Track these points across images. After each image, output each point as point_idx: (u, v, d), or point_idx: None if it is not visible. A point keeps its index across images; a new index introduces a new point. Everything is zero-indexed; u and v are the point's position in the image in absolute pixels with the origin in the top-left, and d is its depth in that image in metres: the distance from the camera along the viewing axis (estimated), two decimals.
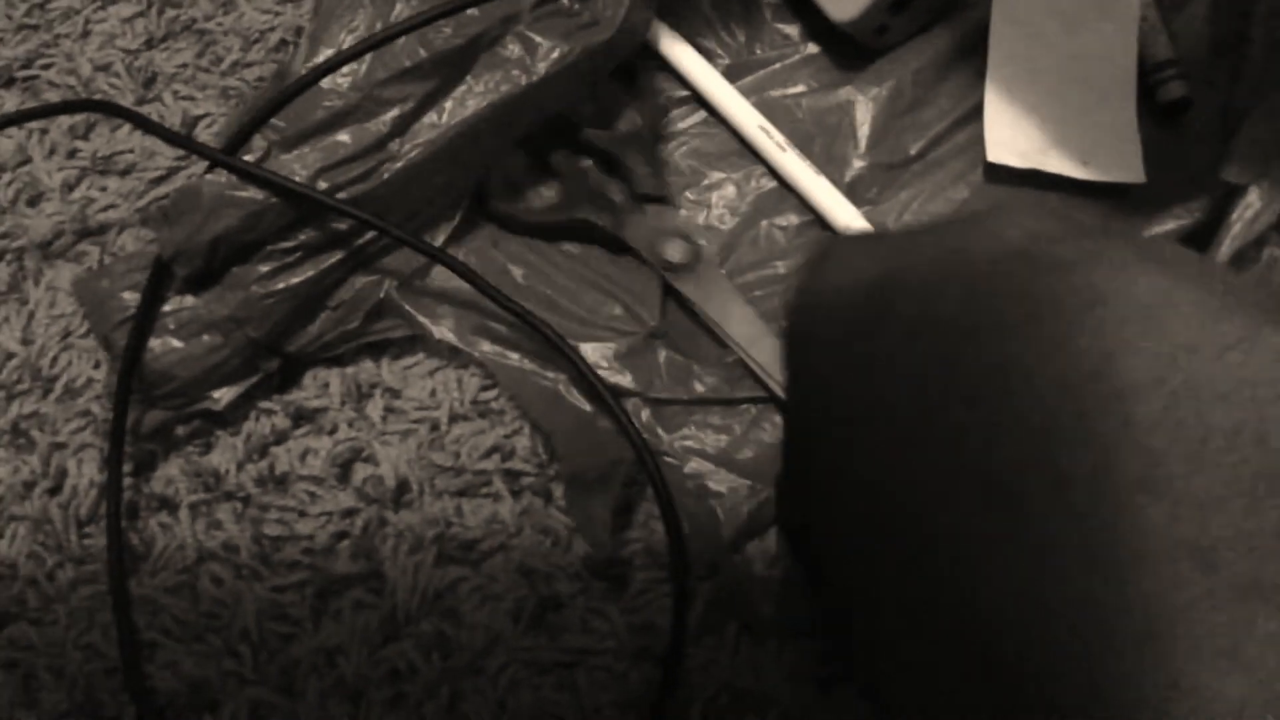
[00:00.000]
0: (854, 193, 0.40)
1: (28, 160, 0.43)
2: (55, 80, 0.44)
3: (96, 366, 0.39)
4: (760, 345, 0.38)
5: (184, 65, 0.44)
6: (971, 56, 0.42)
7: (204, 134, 0.43)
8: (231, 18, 0.44)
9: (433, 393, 0.39)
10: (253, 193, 0.36)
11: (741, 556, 0.36)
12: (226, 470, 0.38)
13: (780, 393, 0.38)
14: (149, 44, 0.44)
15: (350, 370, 0.39)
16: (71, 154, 0.43)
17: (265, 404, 0.39)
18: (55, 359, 0.39)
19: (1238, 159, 0.37)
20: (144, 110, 0.43)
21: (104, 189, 0.42)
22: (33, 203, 0.42)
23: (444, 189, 0.39)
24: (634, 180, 0.40)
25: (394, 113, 0.37)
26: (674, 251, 0.39)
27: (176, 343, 0.37)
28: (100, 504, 0.37)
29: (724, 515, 0.37)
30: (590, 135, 0.40)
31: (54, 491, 0.38)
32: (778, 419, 0.38)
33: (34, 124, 0.43)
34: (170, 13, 0.44)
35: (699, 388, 0.38)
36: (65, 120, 0.43)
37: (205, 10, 0.44)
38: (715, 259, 0.40)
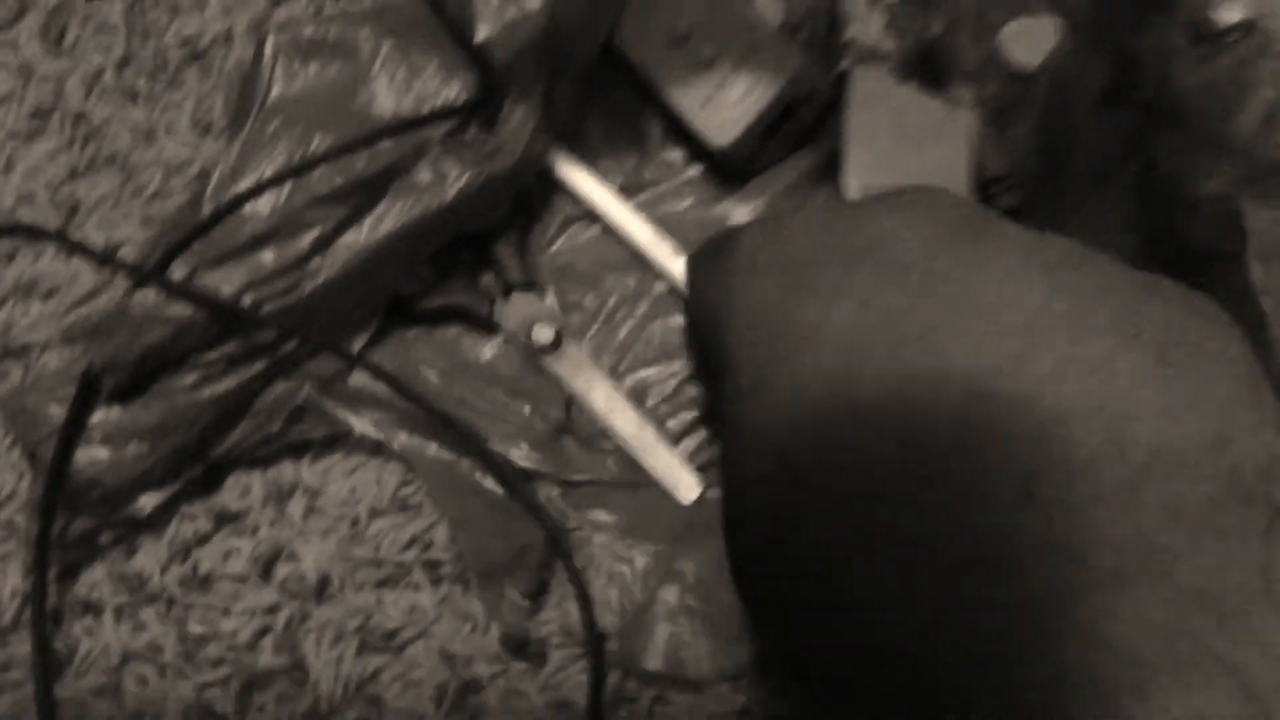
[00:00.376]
0: None
1: None
2: None
3: (20, 478, 0.41)
4: (623, 417, 0.42)
5: (106, 195, 0.46)
6: (833, 173, 0.47)
7: (125, 257, 0.45)
8: (153, 150, 0.47)
9: (352, 490, 0.41)
10: (180, 308, 0.38)
11: (649, 619, 0.39)
12: (150, 573, 0.39)
13: (641, 459, 0.42)
14: (72, 175, 0.46)
15: (271, 473, 0.41)
16: None
17: (188, 508, 0.40)
18: None
19: None
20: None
21: (26, 311, 0.44)
22: None
23: (361, 300, 0.42)
24: (505, 270, 0.44)
25: (314, 233, 0.40)
26: (542, 334, 0.43)
27: (104, 452, 0.38)
28: (23, 612, 0.38)
29: (631, 583, 0.39)
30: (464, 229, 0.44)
31: None
32: (671, 500, 0.41)
33: None
34: (92, 146, 0.47)
35: (608, 467, 0.41)
36: None
37: (126, 144, 0.47)
38: (581, 342, 0.44)
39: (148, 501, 0.39)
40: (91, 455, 0.39)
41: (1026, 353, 0.25)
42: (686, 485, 0.41)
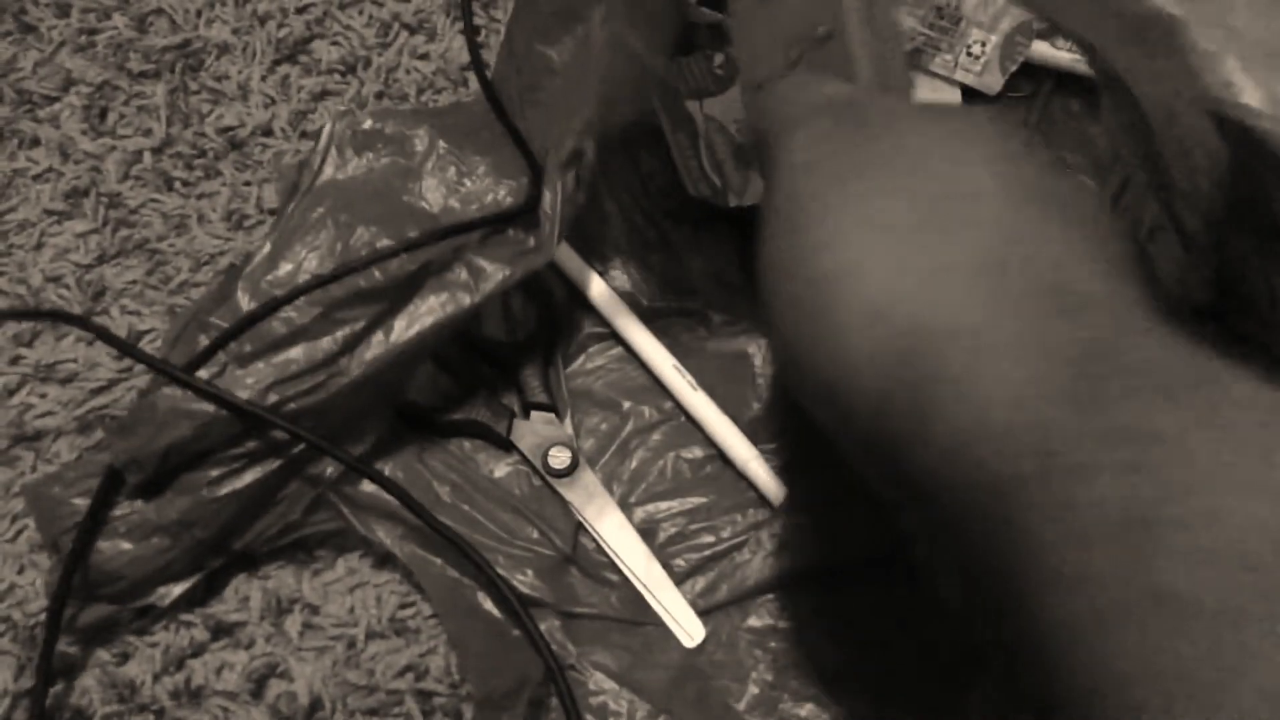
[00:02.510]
0: (752, 431, 0.44)
1: None
2: (4, 288, 0.46)
3: (20, 571, 0.40)
4: (631, 551, 0.42)
5: (133, 282, 0.46)
6: None
7: (148, 348, 0.45)
8: (184, 240, 0.47)
9: (351, 609, 0.41)
10: (204, 406, 0.39)
11: None
12: (142, 682, 0.39)
13: (646, 595, 0.41)
14: (101, 259, 0.47)
15: (271, 584, 0.41)
16: (15, 360, 0.45)
17: (186, 616, 0.40)
18: None
19: None
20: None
21: (43, 395, 0.44)
22: None
23: (380, 400, 0.42)
24: (525, 389, 0.44)
25: (345, 331, 0.40)
26: (558, 458, 0.43)
27: (126, 545, 0.39)
28: (12, 713, 0.38)
29: None
30: (489, 341, 0.44)
31: None
32: (672, 641, 0.41)
33: None
34: (124, 231, 0.47)
35: (611, 603, 0.41)
36: (12, 327, 0.45)
37: (158, 231, 0.47)
38: (594, 469, 0.43)
39: (169, 592, 0.39)
40: (114, 547, 0.39)
41: None
42: (690, 628, 0.41)
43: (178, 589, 0.40)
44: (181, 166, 0.48)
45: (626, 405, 0.45)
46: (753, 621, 0.41)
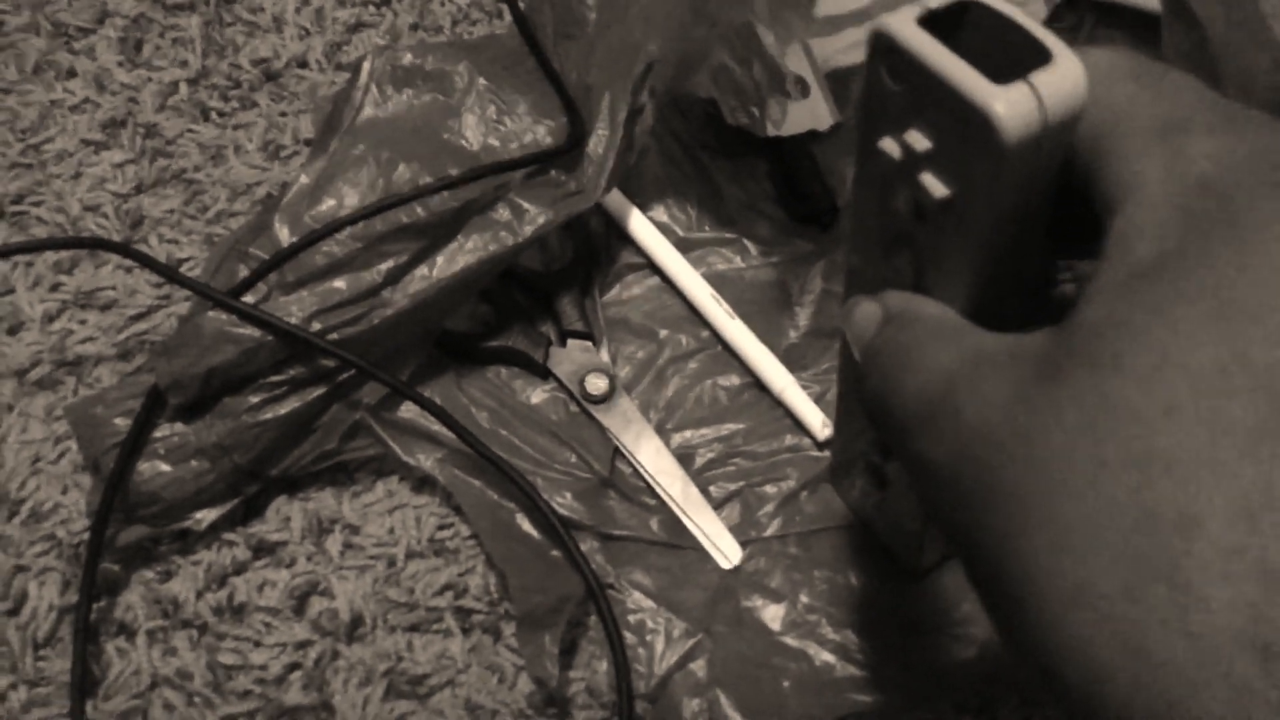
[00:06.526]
0: (790, 359, 0.44)
1: (11, 290, 0.45)
2: (44, 217, 0.46)
3: (64, 492, 0.41)
4: (668, 476, 0.42)
5: (170, 211, 0.46)
6: None
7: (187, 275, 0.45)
8: (221, 170, 0.47)
9: (391, 530, 0.41)
10: (249, 330, 0.39)
11: (678, 689, 0.38)
12: (185, 598, 0.39)
13: (684, 519, 0.41)
14: (138, 189, 0.47)
15: (311, 505, 0.41)
16: (55, 287, 0.45)
17: (228, 535, 0.40)
18: (24, 483, 0.41)
19: None
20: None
21: (84, 322, 0.44)
22: (13, 331, 0.44)
23: (422, 334, 0.42)
24: (562, 317, 0.44)
25: (389, 264, 0.40)
26: (594, 385, 0.43)
27: (165, 467, 0.39)
28: (59, 628, 0.38)
29: (663, 650, 0.39)
30: (526, 271, 0.44)
31: (13, 613, 0.39)
32: (709, 564, 0.41)
33: (20, 256, 0.45)
34: (161, 161, 0.47)
35: (649, 526, 0.41)
36: (51, 255, 0.45)
37: (195, 161, 0.47)
38: (630, 396, 0.43)
39: (205, 516, 0.40)
40: (154, 469, 0.39)
41: None
42: (728, 549, 0.41)
43: (214, 513, 0.40)
44: (217, 97, 0.48)
45: (663, 334, 0.45)
46: (792, 549, 0.41)
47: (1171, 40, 0.39)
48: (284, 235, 0.41)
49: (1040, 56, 0.20)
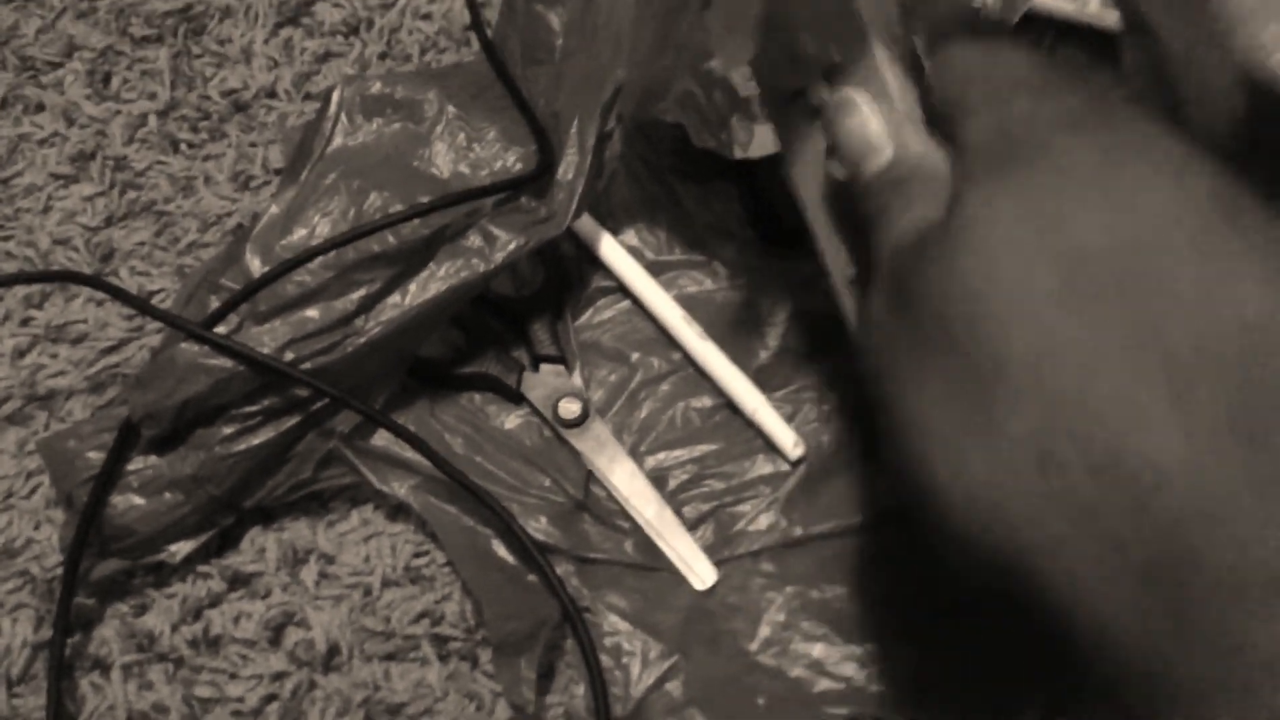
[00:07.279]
0: (761, 379, 0.44)
1: None
2: (14, 251, 0.46)
3: (37, 527, 0.41)
4: (642, 498, 0.42)
5: (141, 243, 0.46)
6: None
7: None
8: (191, 201, 0.47)
9: (366, 558, 0.41)
10: (222, 361, 0.39)
11: (653, 711, 0.38)
12: (160, 631, 0.39)
13: (658, 542, 0.42)
14: (108, 221, 0.47)
15: (286, 535, 0.41)
16: (25, 322, 0.45)
17: (203, 567, 0.40)
18: None
19: None
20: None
21: (55, 356, 0.44)
22: None
23: (395, 362, 0.42)
24: (535, 342, 0.44)
25: (361, 293, 0.40)
26: (568, 409, 0.43)
27: (139, 500, 0.39)
28: (33, 664, 0.38)
29: (637, 674, 0.39)
30: (498, 297, 0.44)
31: None
32: (684, 585, 0.41)
33: None
34: (131, 194, 0.47)
35: (624, 549, 0.41)
36: (21, 289, 0.45)
37: (165, 193, 0.47)
38: (603, 419, 0.44)
39: (180, 549, 0.40)
40: (127, 502, 0.39)
41: None
42: (702, 571, 0.41)
43: (189, 546, 0.40)
44: (187, 129, 0.49)
45: (635, 356, 0.45)
46: (765, 565, 0.42)
47: (1131, 59, 0.39)
48: (255, 265, 0.41)
49: None
